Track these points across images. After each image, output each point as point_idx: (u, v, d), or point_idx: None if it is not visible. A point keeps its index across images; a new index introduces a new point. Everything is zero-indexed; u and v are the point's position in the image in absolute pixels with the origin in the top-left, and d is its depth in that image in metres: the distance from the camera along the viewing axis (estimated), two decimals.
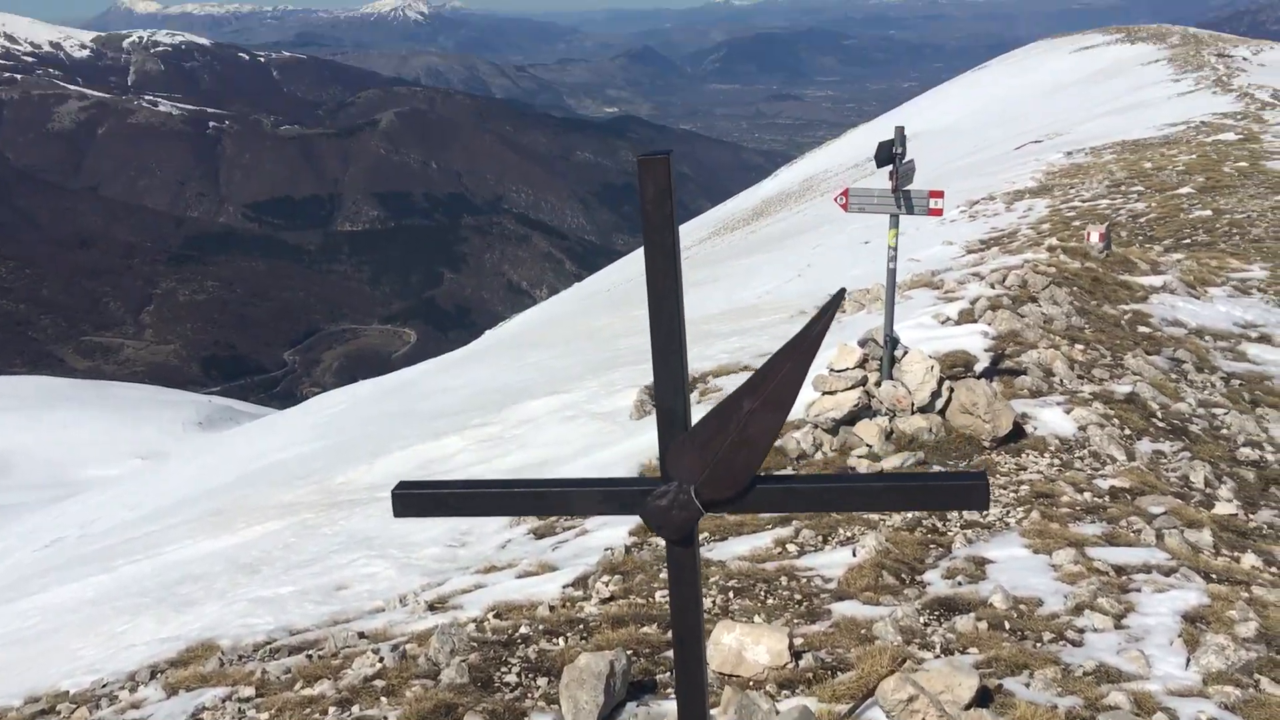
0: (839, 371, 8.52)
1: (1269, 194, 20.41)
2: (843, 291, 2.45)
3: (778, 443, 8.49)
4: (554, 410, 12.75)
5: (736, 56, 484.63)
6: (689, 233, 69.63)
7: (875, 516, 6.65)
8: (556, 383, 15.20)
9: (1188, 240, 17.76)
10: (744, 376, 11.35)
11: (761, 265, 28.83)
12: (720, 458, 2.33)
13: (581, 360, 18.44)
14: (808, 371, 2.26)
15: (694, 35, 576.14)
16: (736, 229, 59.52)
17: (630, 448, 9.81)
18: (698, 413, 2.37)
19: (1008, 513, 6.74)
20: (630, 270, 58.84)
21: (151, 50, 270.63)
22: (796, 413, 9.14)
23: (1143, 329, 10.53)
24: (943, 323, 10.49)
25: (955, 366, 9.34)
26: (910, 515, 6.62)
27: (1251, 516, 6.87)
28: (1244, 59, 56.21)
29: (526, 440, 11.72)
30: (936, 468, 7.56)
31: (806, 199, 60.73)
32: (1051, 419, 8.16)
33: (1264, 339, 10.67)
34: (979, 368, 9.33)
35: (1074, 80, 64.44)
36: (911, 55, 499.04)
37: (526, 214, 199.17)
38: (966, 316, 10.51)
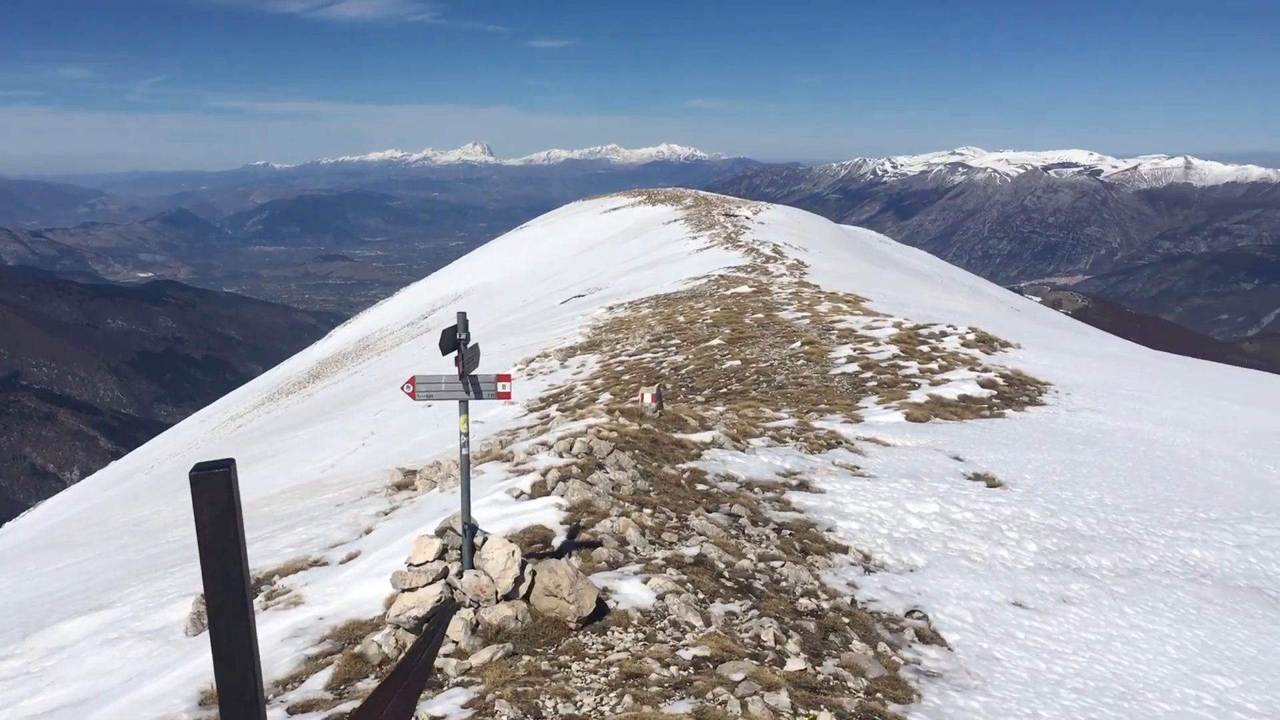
0: (418, 565, 8.15)
1: (785, 342, 22.82)
2: (448, 614, 2.18)
3: (357, 649, 7.94)
4: (93, 631, 11.16)
5: (280, 218, 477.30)
6: (240, 399, 66.22)
7: None
8: (95, 593, 13.42)
9: (724, 390, 19.34)
10: (317, 572, 10.63)
11: (323, 435, 27.78)
12: None
13: (124, 561, 16.51)
14: (416, 706, 1.94)
15: (234, 198, 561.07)
16: (292, 393, 57.42)
17: (188, 672, 8.72)
18: (269, 626, 1.97)
19: (601, 700, 6.65)
20: (175, 444, 54.65)
21: None
22: (375, 612, 8.63)
23: (700, 486, 11.13)
24: (517, 497, 10.47)
25: (534, 543, 9.30)
26: None
27: (819, 669, 7.28)
28: (747, 218, 63.63)
29: (60, 674, 10.11)
30: (526, 658, 7.37)
31: (364, 359, 60.06)
32: (631, 591, 8.28)
33: (803, 485, 11.66)
34: (557, 542, 9.35)
35: (607, 238, 69.63)
36: (456, 215, 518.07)
37: (50, 389, 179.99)
38: (540, 489, 10.57)
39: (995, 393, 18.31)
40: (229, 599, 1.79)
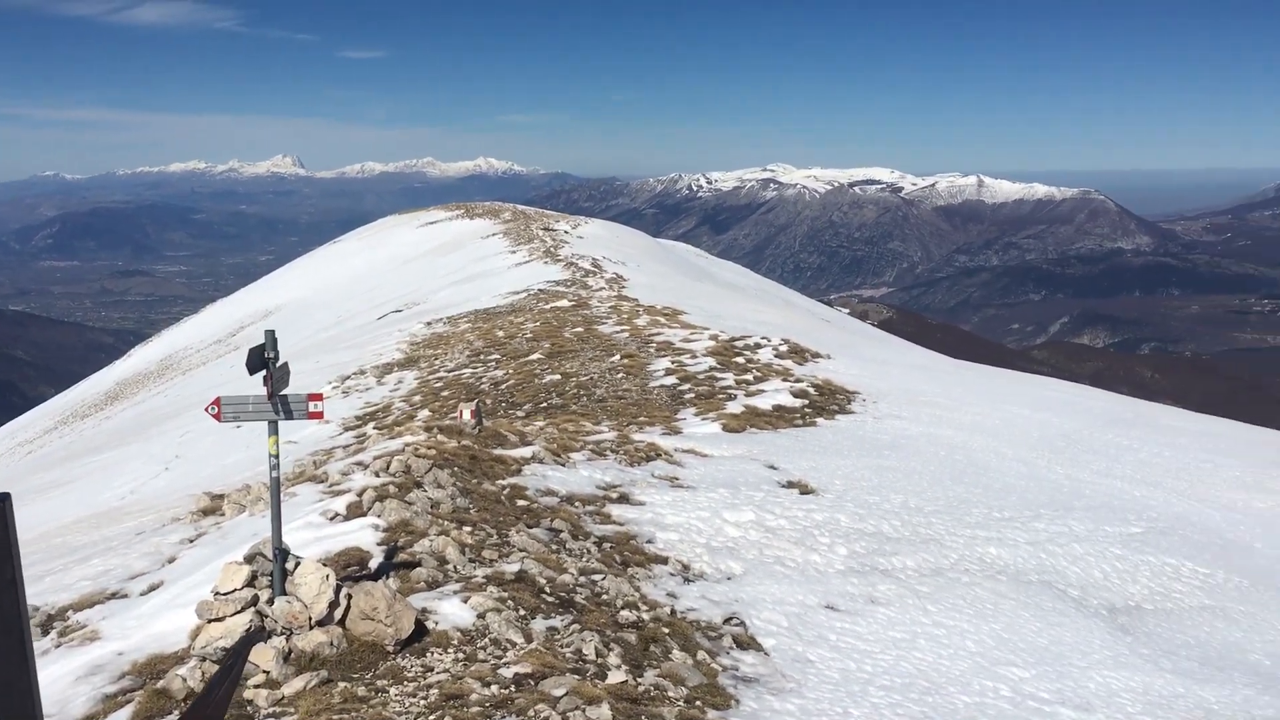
0: (225, 594, 7.83)
1: (604, 356, 23.00)
2: (248, 644, 2.10)
3: (159, 684, 7.55)
4: None
5: (73, 232, 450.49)
6: (30, 424, 62.14)
7: None
8: None
9: (545, 404, 19.34)
10: (116, 605, 10.05)
11: (123, 460, 26.36)
12: None
13: None
14: None
15: (20, 210, 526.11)
16: (89, 416, 54.31)
17: None
18: (60, 665, 1.84)
19: None
20: None
21: None
22: (180, 644, 8.23)
23: (521, 502, 11.08)
24: (332, 519, 10.18)
25: (350, 566, 9.07)
26: None
27: (640, 680, 7.36)
28: (566, 232, 63.91)
29: None
30: (342, 685, 7.17)
31: (168, 379, 57.35)
32: (451, 610, 8.17)
33: (623, 498, 11.77)
34: (374, 564, 9.14)
35: (424, 252, 68.67)
36: (265, 229, 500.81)
37: None
38: (355, 510, 10.31)
39: (807, 402, 18.93)
40: (4, 641, 1.66)
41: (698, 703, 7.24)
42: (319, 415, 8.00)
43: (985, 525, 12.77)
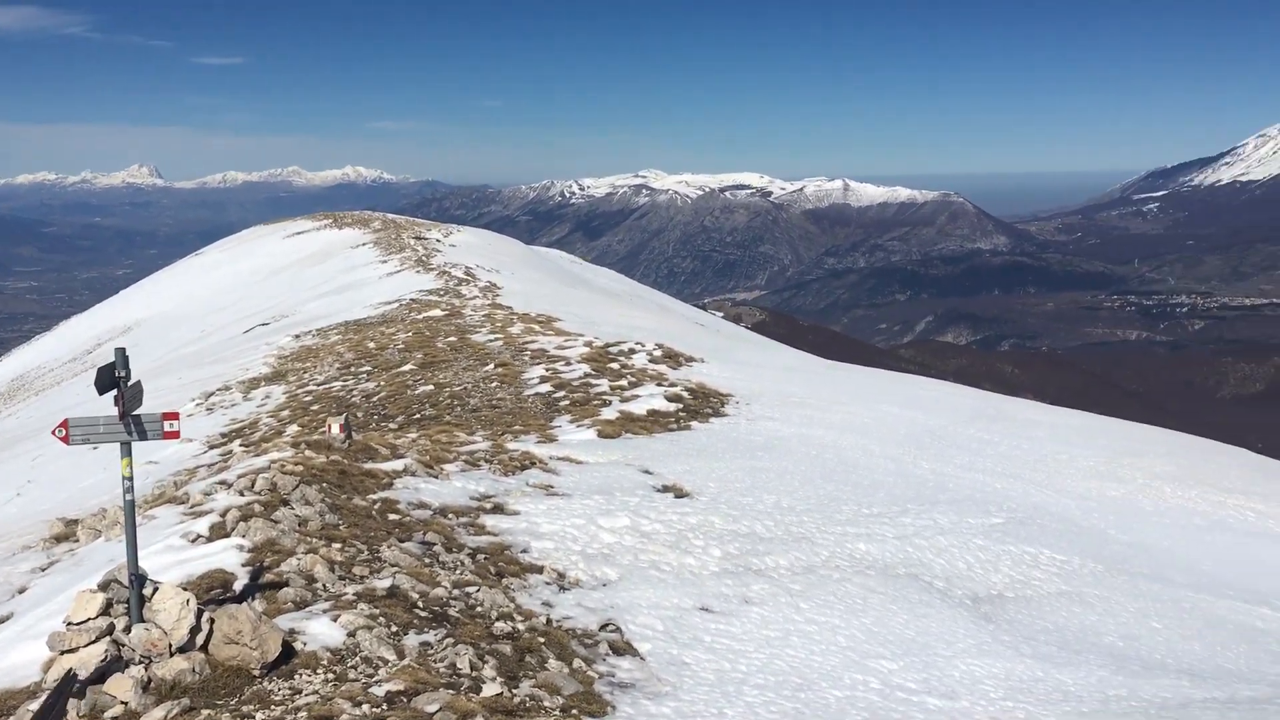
0: (79, 624, 7.49)
1: (478, 365, 22.80)
2: (72, 676, 2.01)
3: None
4: None
5: None
6: None
7: None
8: None
9: (418, 416, 19.06)
10: None
11: None
12: None
13: None
14: None
15: None
16: None
17: None
18: None
19: None
20: None
21: None
22: (32, 678, 7.84)
23: (393, 516, 10.90)
24: (193, 541, 9.85)
25: (214, 589, 8.78)
26: None
27: (515, 692, 7.30)
28: (438, 240, 63.19)
29: None
30: (206, 712, 6.93)
31: (19, 400, 54.75)
32: (320, 630, 7.98)
33: (498, 508, 11.68)
34: (239, 586, 8.87)
35: (292, 263, 67.07)
36: (122, 242, 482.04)
37: None
38: (219, 531, 9.99)
39: (682, 406, 19.08)
40: None
41: (574, 711, 7.22)
42: (175, 435, 7.73)
43: (855, 522, 13.07)
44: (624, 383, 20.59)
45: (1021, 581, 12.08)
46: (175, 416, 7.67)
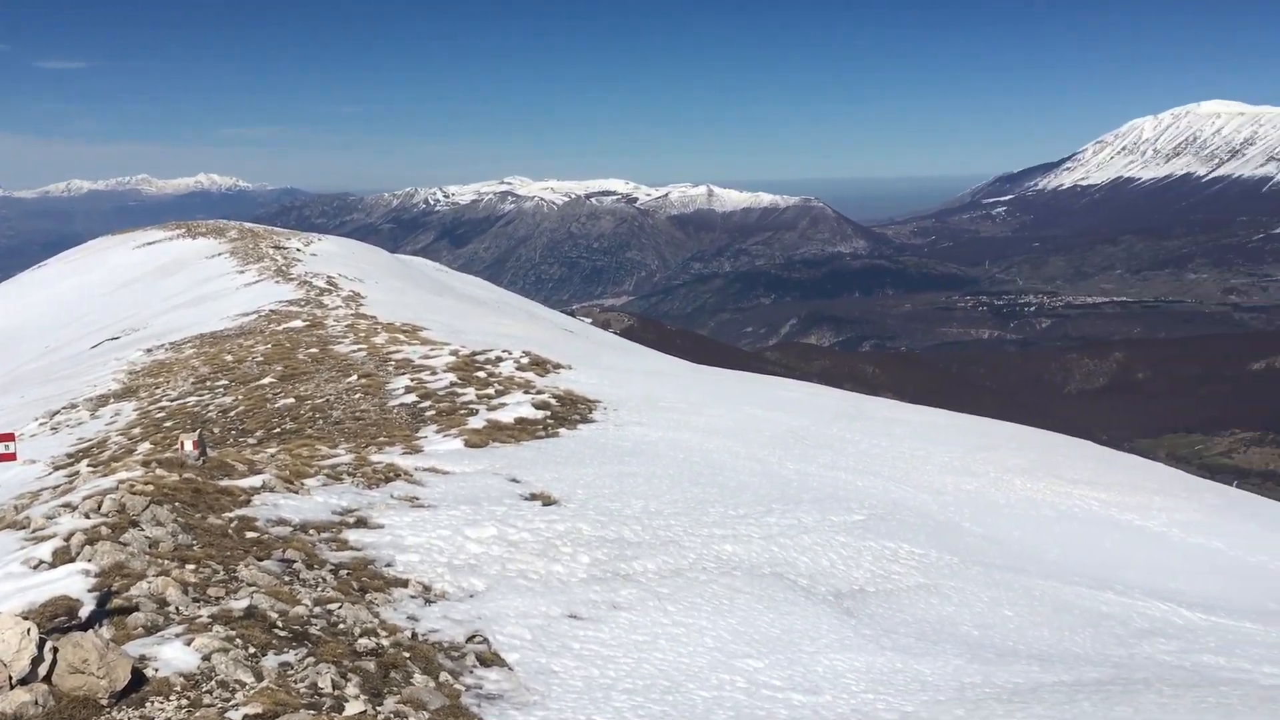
0: None
1: (341, 376, 22.33)
2: None
3: None
4: None
5: None
6: None
7: None
8: None
9: (278, 430, 18.56)
10: None
11: None
12: None
13: None
14: None
15: None
16: None
17: None
18: None
19: None
20: None
21: None
22: None
23: (250, 534, 10.57)
24: (35, 568, 9.37)
25: (58, 617, 8.37)
26: None
27: (379, 709, 7.17)
28: (298, 250, 61.65)
29: None
30: None
31: None
32: (173, 655, 7.69)
33: (361, 522, 11.44)
34: (85, 613, 8.47)
35: (142, 275, 64.57)
36: None
37: None
38: (63, 556, 9.53)
39: (550, 413, 19.04)
40: None
41: None
42: (11, 457, 7.38)
43: (722, 523, 13.24)
44: (491, 391, 20.44)
45: (882, 576, 12.42)
46: (11, 438, 7.31)
